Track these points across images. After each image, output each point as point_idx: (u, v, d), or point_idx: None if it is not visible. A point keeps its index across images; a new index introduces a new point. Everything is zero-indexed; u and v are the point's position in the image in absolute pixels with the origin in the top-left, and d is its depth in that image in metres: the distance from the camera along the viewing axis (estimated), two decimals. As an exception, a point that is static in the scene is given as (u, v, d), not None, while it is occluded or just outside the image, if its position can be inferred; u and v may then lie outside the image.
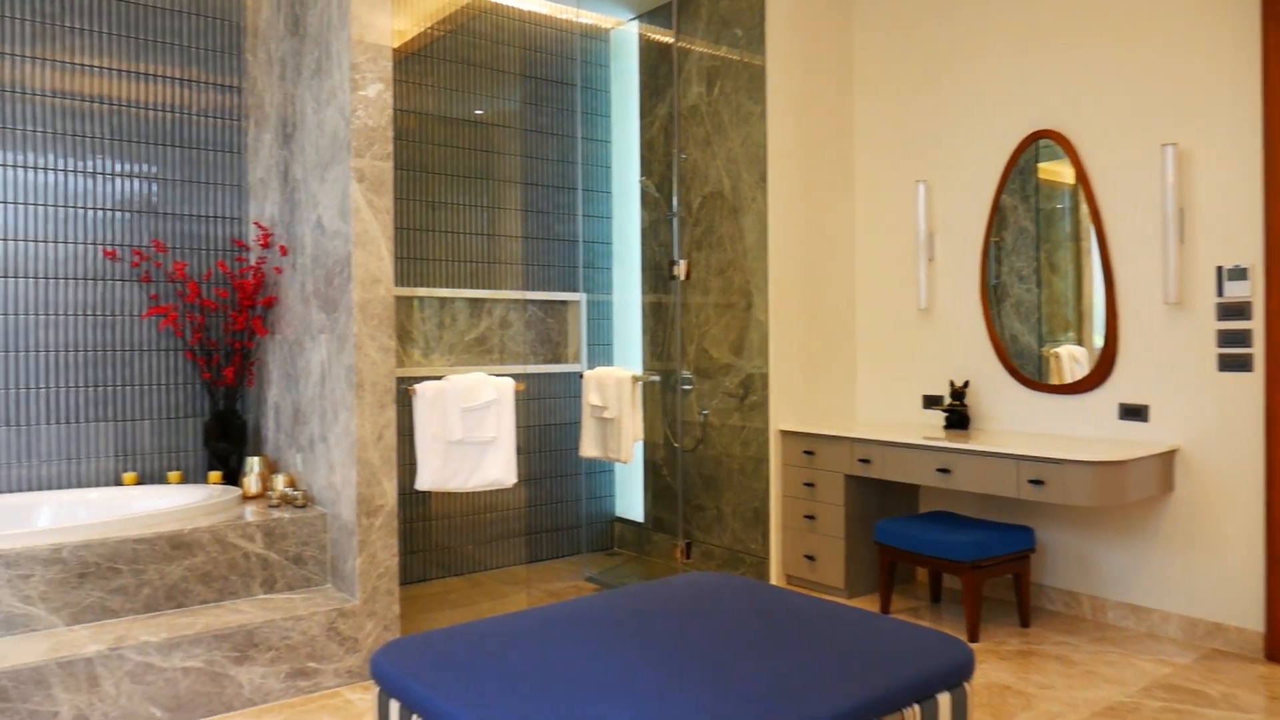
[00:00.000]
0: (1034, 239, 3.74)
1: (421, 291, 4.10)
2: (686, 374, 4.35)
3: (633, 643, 1.99)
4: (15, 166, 3.46)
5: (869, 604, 3.81)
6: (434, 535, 4.17)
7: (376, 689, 2.00)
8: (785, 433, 4.06)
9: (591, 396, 3.92)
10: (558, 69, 4.62)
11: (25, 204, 3.48)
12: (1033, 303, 3.75)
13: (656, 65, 4.59)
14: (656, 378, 4.43)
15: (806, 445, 3.98)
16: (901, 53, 4.21)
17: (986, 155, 3.90)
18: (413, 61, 4.16)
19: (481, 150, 4.37)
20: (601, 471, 4.75)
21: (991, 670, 3.07)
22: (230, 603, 3.02)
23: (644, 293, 4.65)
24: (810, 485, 3.96)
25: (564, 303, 4.59)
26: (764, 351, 4.05)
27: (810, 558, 3.97)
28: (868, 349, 4.38)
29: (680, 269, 4.20)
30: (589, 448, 3.96)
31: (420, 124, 4.19)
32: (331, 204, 3.16)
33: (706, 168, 4.30)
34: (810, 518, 3.97)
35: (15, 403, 3.45)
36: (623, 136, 4.79)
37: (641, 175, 4.61)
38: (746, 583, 2.49)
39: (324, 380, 3.23)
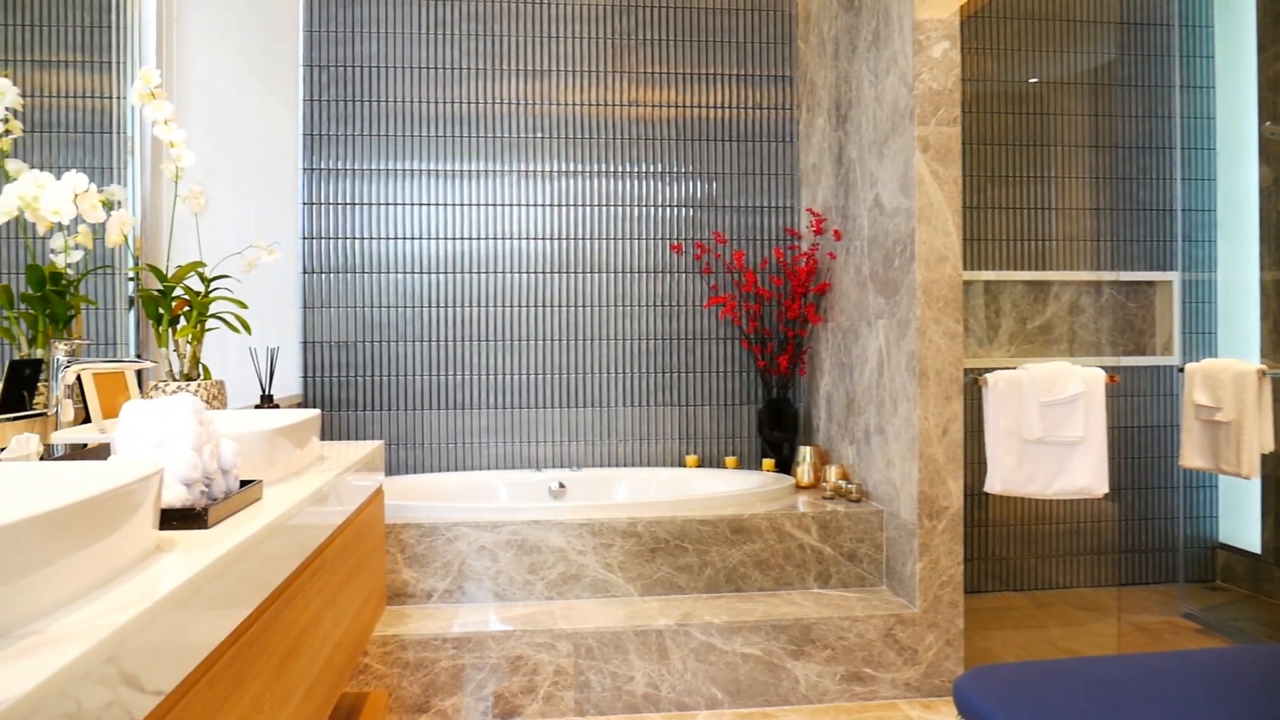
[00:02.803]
0: None
1: (968, 275, 3.71)
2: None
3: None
4: (600, 173, 3.82)
5: None
6: (992, 543, 3.76)
7: (961, 722, 1.71)
8: None
9: (1198, 395, 3.19)
10: (1146, 8, 3.90)
11: (607, 206, 3.82)
12: None
13: (1283, -19, 3.63)
14: (1291, 373, 3.48)
15: None
16: None
17: None
18: (969, 25, 3.79)
19: (1043, 114, 3.84)
20: (1201, 486, 3.90)
21: None
22: (785, 593, 2.96)
23: (1263, 269, 3.71)
24: None
25: (1151, 284, 3.85)
26: None
27: None
28: None
29: (1331, 232, 3.24)
30: (1192, 457, 3.24)
31: (975, 92, 3.80)
32: (891, 179, 2.94)
33: (1365, 100, 3.28)
34: None
35: (599, 386, 3.81)
36: (1232, 80, 3.88)
37: (1264, 122, 3.69)
38: None
39: (881, 369, 3.03)
